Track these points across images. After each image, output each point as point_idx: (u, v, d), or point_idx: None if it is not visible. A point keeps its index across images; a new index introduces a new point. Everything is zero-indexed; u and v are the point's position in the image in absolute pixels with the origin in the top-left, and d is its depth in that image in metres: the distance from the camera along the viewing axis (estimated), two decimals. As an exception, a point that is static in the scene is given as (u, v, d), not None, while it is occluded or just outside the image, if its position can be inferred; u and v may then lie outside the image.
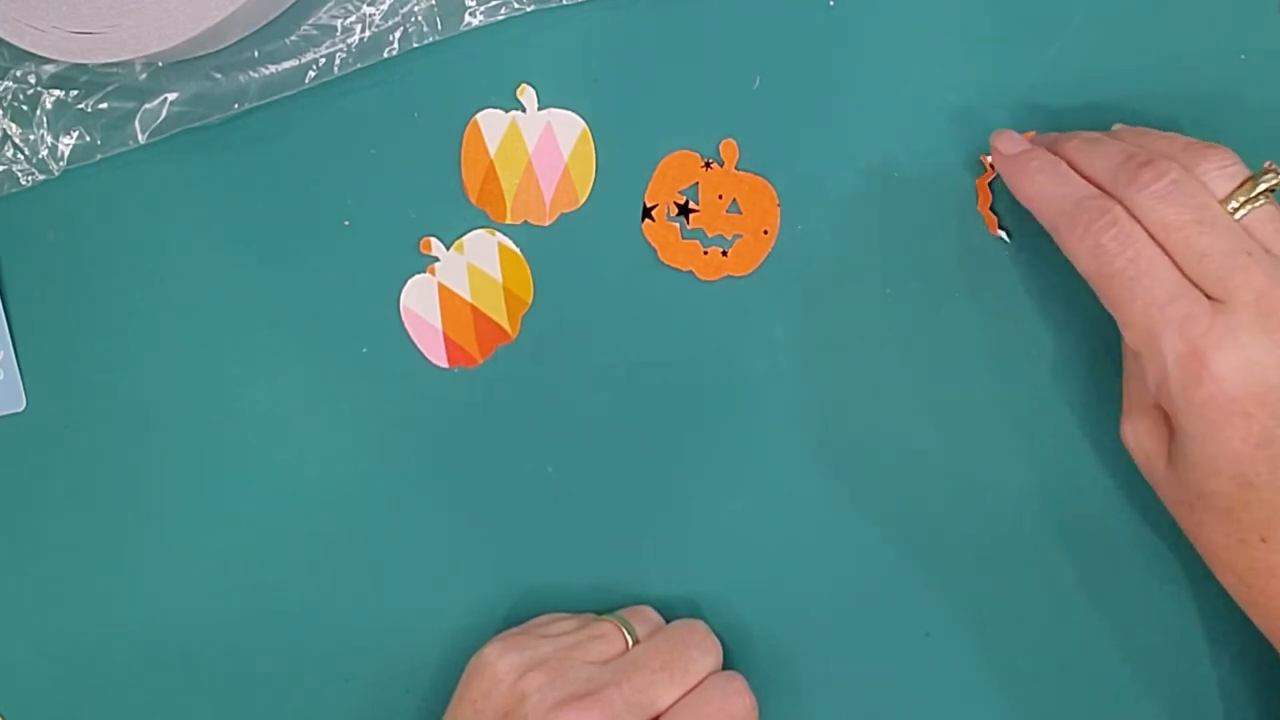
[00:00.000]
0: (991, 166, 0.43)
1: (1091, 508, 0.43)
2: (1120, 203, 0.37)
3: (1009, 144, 0.41)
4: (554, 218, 0.46)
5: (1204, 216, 0.36)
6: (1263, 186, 0.37)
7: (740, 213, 0.45)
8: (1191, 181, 0.37)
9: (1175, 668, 0.43)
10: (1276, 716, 0.41)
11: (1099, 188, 0.38)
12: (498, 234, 0.46)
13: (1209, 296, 0.35)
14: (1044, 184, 0.39)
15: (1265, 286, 0.35)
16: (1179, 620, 0.41)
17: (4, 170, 0.47)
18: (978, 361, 0.44)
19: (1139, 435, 0.40)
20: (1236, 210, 0.37)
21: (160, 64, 0.46)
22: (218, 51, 0.46)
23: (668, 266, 0.45)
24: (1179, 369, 0.35)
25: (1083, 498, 0.43)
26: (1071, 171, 0.39)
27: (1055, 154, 0.40)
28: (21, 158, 0.47)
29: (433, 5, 0.45)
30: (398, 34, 0.45)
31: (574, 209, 0.46)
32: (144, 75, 0.46)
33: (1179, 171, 0.37)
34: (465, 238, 0.46)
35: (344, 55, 0.45)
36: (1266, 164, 0.37)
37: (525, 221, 0.46)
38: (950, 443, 0.44)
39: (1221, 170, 0.37)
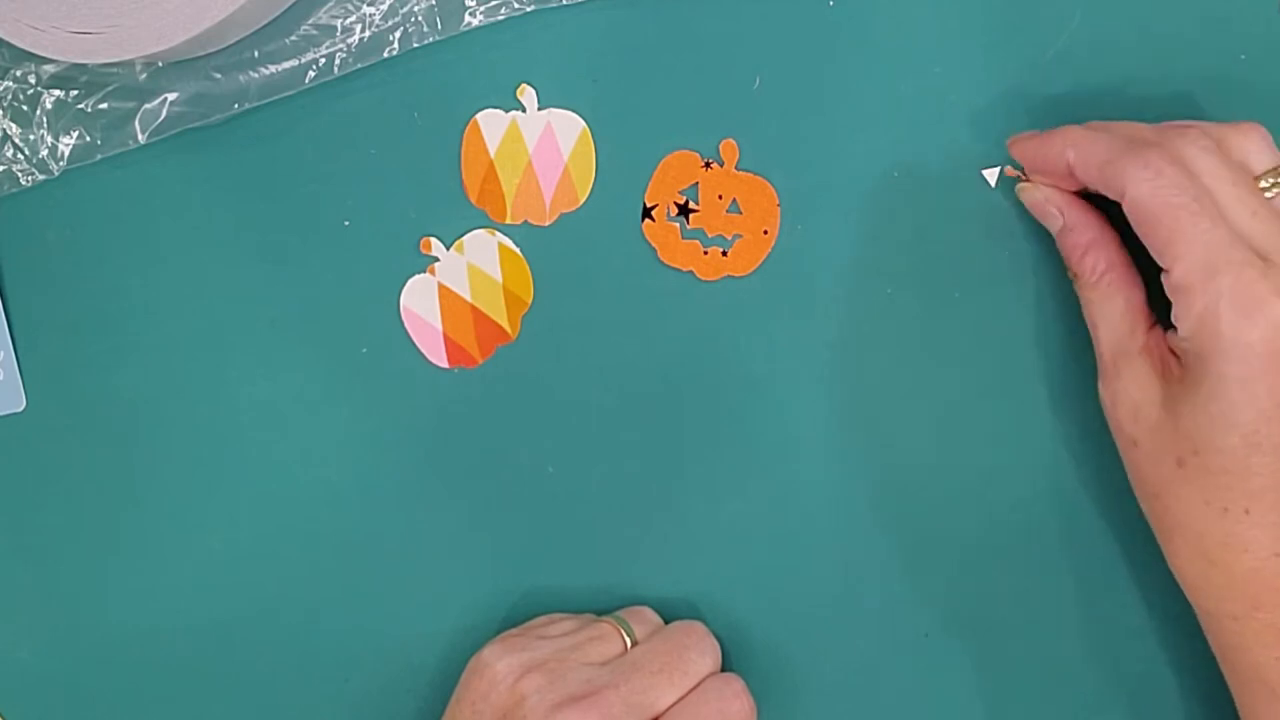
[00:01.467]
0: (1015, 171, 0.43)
1: (1093, 508, 0.43)
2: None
3: (1027, 135, 0.41)
4: (554, 218, 0.46)
5: (1249, 180, 0.37)
6: None
7: (740, 213, 0.45)
8: (1229, 157, 0.37)
9: (1176, 667, 0.43)
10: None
11: None
12: (498, 234, 0.46)
13: None
14: (1087, 135, 0.39)
15: None
16: (1180, 620, 0.41)
17: (4, 170, 0.47)
18: (978, 361, 0.44)
19: (1126, 387, 0.39)
20: (1265, 188, 0.37)
21: (160, 64, 0.46)
22: (218, 51, 0.46)
23: (668, 266, 0.45)
24: (1233, 308, 0.35)
25: (1084, 498, 0.43)
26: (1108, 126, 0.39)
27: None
28: (21, 158, 0.47)
29: (433, 5, 0.45)
30: (398, 34, 0.45)
31: (574, 209, 0.46)
32: (144, 75, 0.46)
33: (1216, 143, 0.38)
34: (465, 238, 0.46)
35: (344, 55, 0.45)
36: None
37: (525, 221, 0.46)
38: (950, 443, 0.44)
39: (1264, 145, 0.38)
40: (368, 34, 0.45)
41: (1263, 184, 0.37)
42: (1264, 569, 0.37)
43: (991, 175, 0.43)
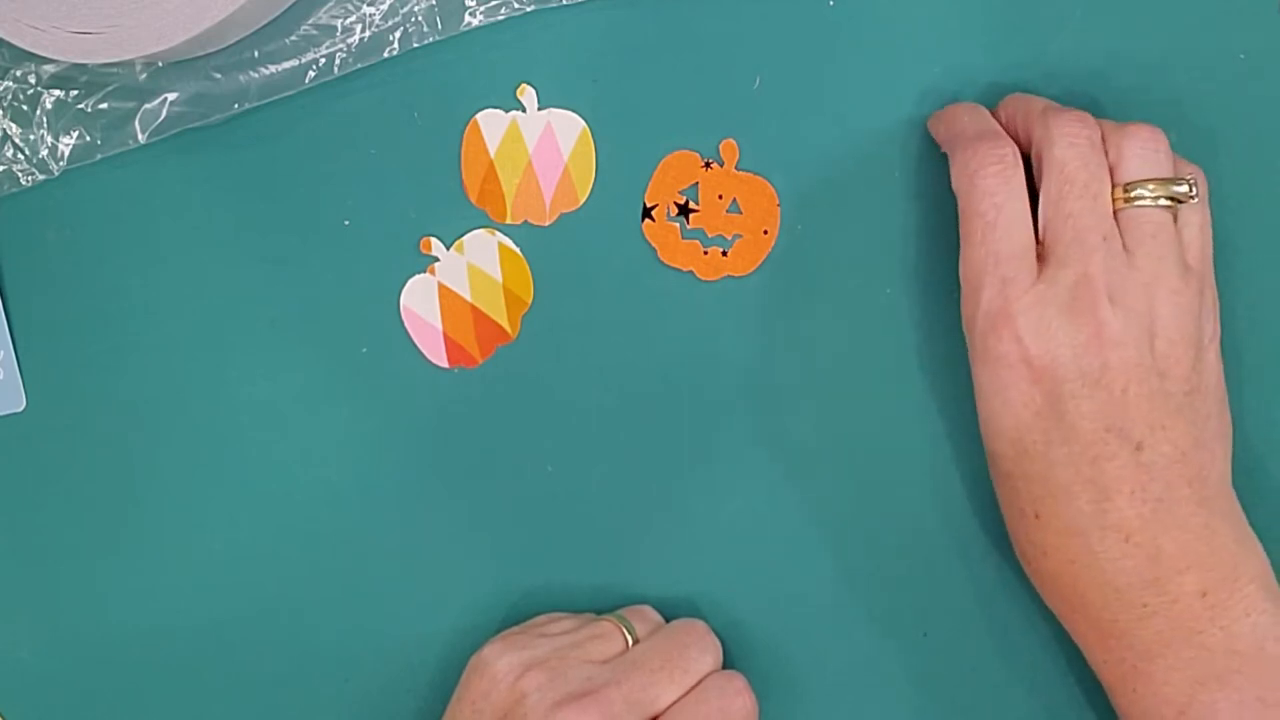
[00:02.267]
0: None
1: (1091, 508, 0.43)
2: (1033, 135, 0.38)
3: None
4: (554, 218, 0.46)
5: (1093, 185, 0.37)
6: (1169, 189, 0.37)
7: (740, 213, 0.45)
8: (1101, 157, 0.38)
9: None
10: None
11: (1020, 128, 0.39)
12: (498, 234, 0.46)
13: (1046, 255, 0.37)
14: (960, 115, 0.41)
15: (1094, 274, 0.36)
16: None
17: (4, 170, 0.47)
18: (978, 361, 0.44)
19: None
20: (1133, 197, 0.37)
21: (160, 64, 0.46)
22: (218, 51, 0.46)
23: (668, 266, 0.45)
24: (987, 320, 0.37)
25: (1083, 498, 0.43)
26: (989, 115, 0.41)
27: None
28: (21, 158, 0.47)
29: (433, 5, 0.45)
30: (398, 34, 0.45)
31: (574, 209, 0.46)
32: (144, 75, 0.46)
33: (1098, 143, 0.38)
34: (465, 238, 0.46)
35: (344, 55, 0.45)
36: (1190, 175, 0.38)
37: (525, 221, 0.46)
38: (949, 442, 0.44)
39: (1142, 151, 0.38)
40: (368, 34, 0.45)
41: (1136, 191, 0.37)
42: (1065, 574, 0.37)
43: None
